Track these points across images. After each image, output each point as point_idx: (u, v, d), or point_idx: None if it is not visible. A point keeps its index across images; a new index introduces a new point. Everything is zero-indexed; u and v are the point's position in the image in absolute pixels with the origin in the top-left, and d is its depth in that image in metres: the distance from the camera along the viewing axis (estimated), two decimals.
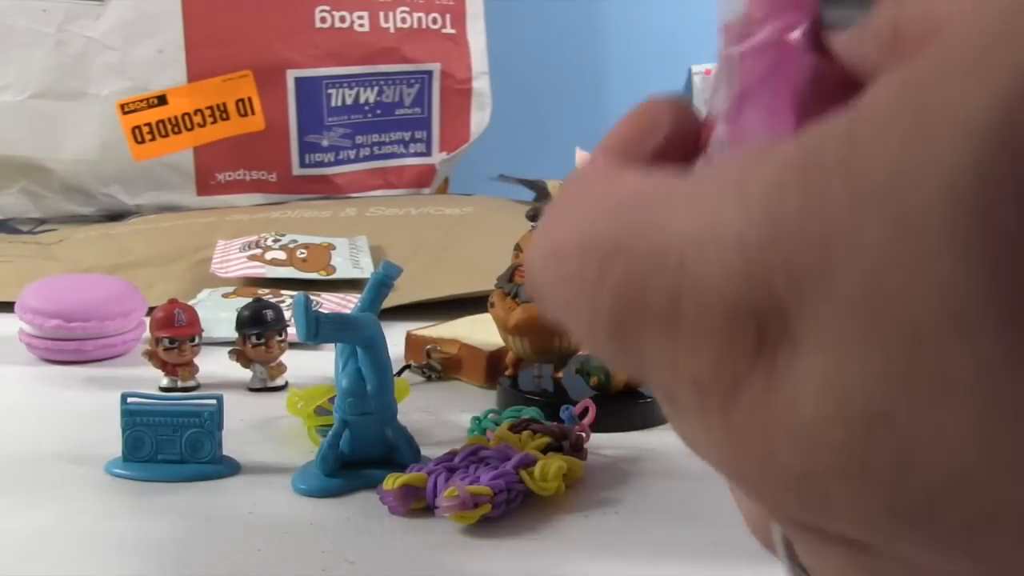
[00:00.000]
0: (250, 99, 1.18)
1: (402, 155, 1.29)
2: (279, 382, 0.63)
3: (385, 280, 0.49)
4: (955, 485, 0.13)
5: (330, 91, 1.22)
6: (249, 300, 0.65)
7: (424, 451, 0.49)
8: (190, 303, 0.67)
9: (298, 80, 1.20)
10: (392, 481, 0.43)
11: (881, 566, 0.15)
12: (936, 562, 0.15)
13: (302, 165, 1.23)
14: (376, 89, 1.25)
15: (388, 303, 0.51)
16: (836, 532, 0.15)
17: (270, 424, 0.56)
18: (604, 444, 0.52)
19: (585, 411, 0.52)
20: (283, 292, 0.80)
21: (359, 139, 1.26)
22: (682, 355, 0.16)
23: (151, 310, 0.65)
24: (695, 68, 1.24)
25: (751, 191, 0.14)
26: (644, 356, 0.16)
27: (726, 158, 0.16)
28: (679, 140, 0.20)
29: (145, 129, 1.16)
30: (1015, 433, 0.13)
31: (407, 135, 1.29)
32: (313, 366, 0.65)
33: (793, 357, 0.14)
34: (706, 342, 0.15)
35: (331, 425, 0.48)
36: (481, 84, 1.31)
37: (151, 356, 0.63)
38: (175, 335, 0.62)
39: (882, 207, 0.13)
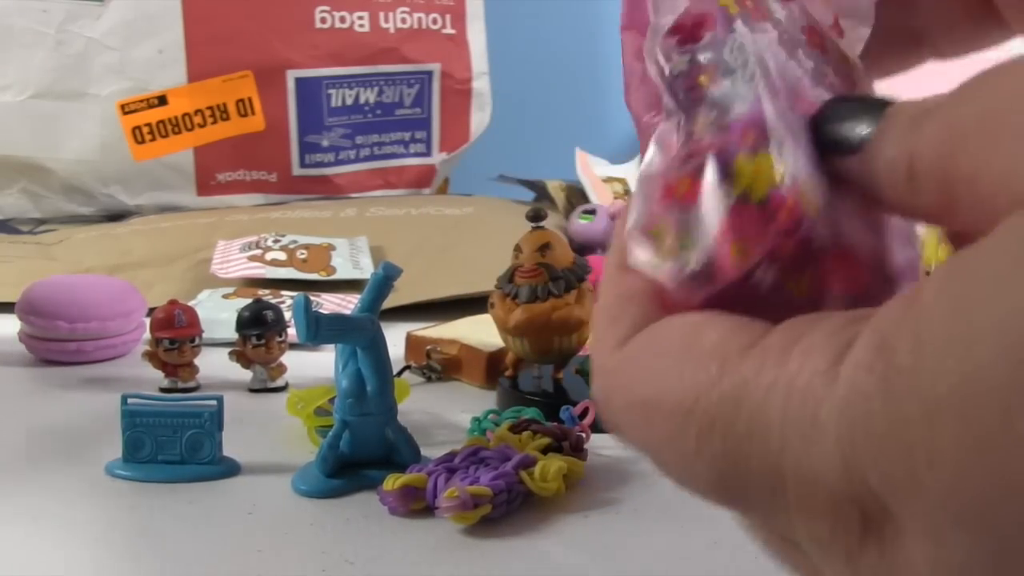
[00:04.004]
0: (250, 99, 1.18)
1: (402, 155, 1.29)
2: (279, 383, 0.63)
3: (385, 280, 0.49)
4: None
5: (330, 91, 1.22)
6: (249, 301, 0.65)
7: (424, 452, 0.49)
8: (190, 304, 0.67)
9: (298, 80, 1.20)
10: (392, 482, 0.44)
11: None
12: None
13: (302, 165, 1.23)
14: (376, 89, 1.25)
15: (388, 304, 0.51)
16: None
17: (270, 425, 0.56)
18: (604, 445, 0.52)
19: (585, 411, 0.52)
20: (283, 293, 0.80)
21: (359, 139, 1.26)
22: (797, 521, 0.17)
23: (151, 311, 0.65)
24: None
25: (840, 392, 0.16)
26: (752, 510, 0.18)
27: (805, 339, 0.17)
28: None
29: (145, 129, 1.16)
30: None
31: (407, 135, 1.29)
32: (313, 367, 0.65)
33: (898, 538, 0.16)
34: (817, 517, 0.17)
35: (331, 426, 0.48)
36: (481, 84, 1.31)
37: (151, 357, 0.63)
38: (175, 336, 0.62)
39: (950, 418, 0.14)
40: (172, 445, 0.48)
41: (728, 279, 0.19)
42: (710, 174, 0.19)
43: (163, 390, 0.62)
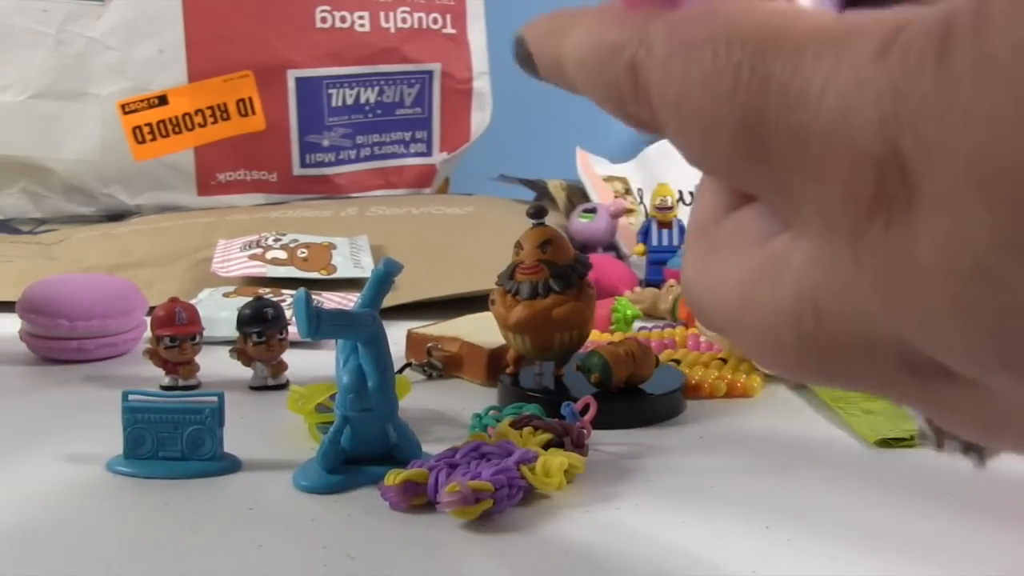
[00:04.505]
0: (250, 99, 1.18)
1: (403, 155, 1.29)
2: (280, 380, 0.63)
3: (386, 276, 0.48)
4: None
5: (330, 91, 1.22)
6: (250, 299, 0.65)
7: (425, 448, 0.49)
8: (191, 302, 0.67)
9: (298, 80, 1.20)
10: (393, 477, 0.43)
11: (985, 399, 0.17)
12: None
13: (303, 165, 1.23)
14: (376, 89, 1.25)
15: (389, 302, 0.51)
16: (946, 367, 0.16)
17: (271, 422, 0.56)
18: (605, 440, 0.52)
19: (586, 408, 0.52)
20: (284, 291, 0.80)
21: (360, 139, 1.26)
22: (809, 184, 0.17)
23: (152, 309, 0.65)
24: None
25: (896, 52, 0.15)
26: (768, 175, 0.17)
27: (871, 16, 0.17)
28: None
29: (146, 129, 1.16)
30: None
31: (407, 135, 1.29)
32: (314, 364, 0.65)
33: (910, 210, 0.15)
34: (831, 178, 0.16)
35: (332, 422, 0.48)
36: (481, 84, 1.31)
37: (152, 355, 0.63)
38: (176, 333, 0.62)
39: (1001, 78, 0.14)
40: (173, 441, 0.48)
41: None
42: None
43: (164, 388, 0.62)
